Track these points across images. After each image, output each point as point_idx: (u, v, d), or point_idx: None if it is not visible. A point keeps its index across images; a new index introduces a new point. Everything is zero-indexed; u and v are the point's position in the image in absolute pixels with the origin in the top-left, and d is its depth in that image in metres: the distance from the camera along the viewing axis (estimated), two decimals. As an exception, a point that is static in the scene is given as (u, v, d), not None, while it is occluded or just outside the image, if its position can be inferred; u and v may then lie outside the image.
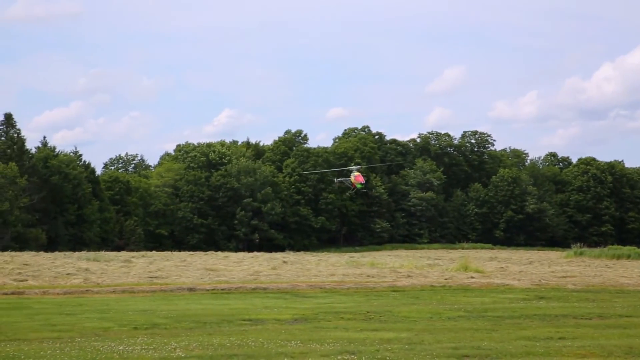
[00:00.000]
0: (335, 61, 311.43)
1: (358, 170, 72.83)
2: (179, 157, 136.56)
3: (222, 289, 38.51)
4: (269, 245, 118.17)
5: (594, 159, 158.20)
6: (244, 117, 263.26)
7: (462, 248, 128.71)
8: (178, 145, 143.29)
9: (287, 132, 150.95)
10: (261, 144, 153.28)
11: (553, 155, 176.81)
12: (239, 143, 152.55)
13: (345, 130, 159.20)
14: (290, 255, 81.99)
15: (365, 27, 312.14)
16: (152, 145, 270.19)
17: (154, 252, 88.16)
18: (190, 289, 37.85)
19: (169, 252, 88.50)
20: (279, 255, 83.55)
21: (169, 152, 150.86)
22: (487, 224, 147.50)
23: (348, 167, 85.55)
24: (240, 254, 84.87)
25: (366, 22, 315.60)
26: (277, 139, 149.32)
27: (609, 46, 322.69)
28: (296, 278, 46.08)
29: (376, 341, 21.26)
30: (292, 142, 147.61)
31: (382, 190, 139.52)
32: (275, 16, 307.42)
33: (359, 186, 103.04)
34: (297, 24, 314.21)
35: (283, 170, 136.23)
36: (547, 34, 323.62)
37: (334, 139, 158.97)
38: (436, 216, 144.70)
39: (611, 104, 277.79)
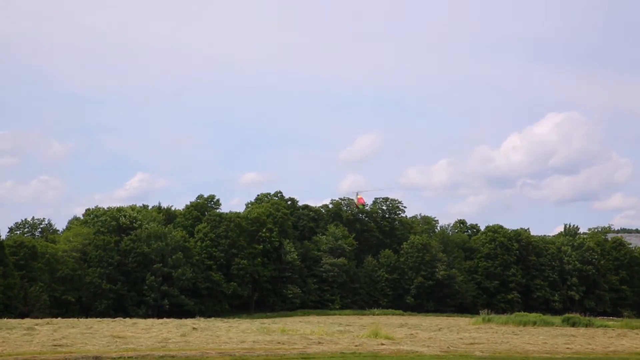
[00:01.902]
0: (251, 126, 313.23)
1: (360, 194, 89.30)
2: (89, 221, 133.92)
3: (129, 357, 37.62)
4: (179, 312, 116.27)
5: (501, 227, 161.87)
6: (157, 181, 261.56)
7: (373, 314, 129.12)
8: (87, 210, 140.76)
9: (200, 196, 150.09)
10: (173, 208, 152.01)
11: (462, 222, 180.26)
12: (150, 207, 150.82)
13: (258, 195, 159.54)
14: (200, 322, 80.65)
15: (281, 93, 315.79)
16: (61, 209, 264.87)
17: (59, 319, 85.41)
18: (96, 358, 36.84)
19: (76, 319, 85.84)
20: (189, 321, 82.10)
21: (78, 216, 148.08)
22: (397, 290, 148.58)
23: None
24: (149, 321, 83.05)
25: (282, 88, 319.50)
26: (189, 203, 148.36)
27: (517, 117, 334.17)
28: (206, 345, 45.39)
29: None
30: (204, 207, 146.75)
31: (295, 256, 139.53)
32: (190, 79, 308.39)
33: (360, 207, 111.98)
34: (212, 87, 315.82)
35: (195, 235, 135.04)
36: (457, 103, 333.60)
37: (247, 204, 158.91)
38: (348, 282, 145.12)
39: (518, 173, 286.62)
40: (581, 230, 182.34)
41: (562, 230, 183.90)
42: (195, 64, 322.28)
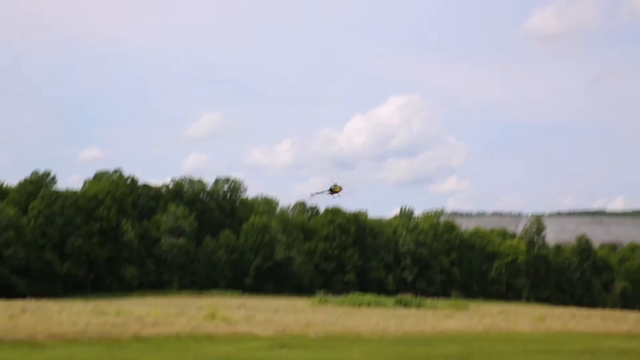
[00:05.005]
0: (92, 101, 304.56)
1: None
2: None
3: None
4: (9, 293, 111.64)
5: (340, 209, 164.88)
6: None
7: (212, 295, 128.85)
8: None
9: (34, 173, 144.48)
10: (5, 184, 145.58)
11: (302, 203, 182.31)
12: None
13: (96, 173, 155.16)
14: (31, 304, 78.11)
15: (124, 68, 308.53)
16: None
17: None
18: None
19: None
20: (18, 303, 79.32)
21: None
22: (237, 271, 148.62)
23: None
24: (-24, 302, 79.65)
25: (126, 63, 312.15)
26: (23, 180, 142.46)
27: (361, 99, 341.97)
28: (35, 328, 43.98)
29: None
30: (39, 184, 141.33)
31: (133, 236, 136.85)
32: (29, 49, 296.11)
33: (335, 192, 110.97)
34: (53, 59, 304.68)
35: (28, 213, 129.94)
36: (303, 83, 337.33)
37: (85, 182, 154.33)
38: (187, 263, 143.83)
39: (360, 155, 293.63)
40: (416, 213, 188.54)
41: (399, 212, 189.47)
42: (34, 35, 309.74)
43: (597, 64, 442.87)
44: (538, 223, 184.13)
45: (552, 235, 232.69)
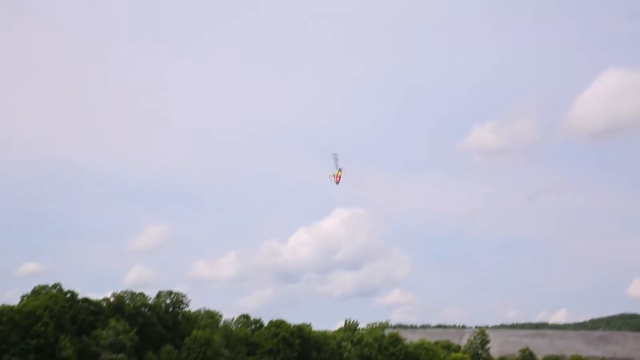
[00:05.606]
0: (31, 214, 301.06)
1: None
2: None
3: None
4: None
5: (284, 322, 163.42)
6: None
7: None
8: None
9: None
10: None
11: (246, 317, 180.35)
12: None
13: (35, 287, 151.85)
14: None
15: (65, 180, 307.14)
16: None
17: None
18: None
19: None
20: None
21: None
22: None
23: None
24: None
25: (68, 176, 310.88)
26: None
27: (306, 211, 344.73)
28: None
29: None
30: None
31: (71, 353, 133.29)
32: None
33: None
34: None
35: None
36: (248, 196, 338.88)
37: (22, 297, 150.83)
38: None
39: (304, 267, 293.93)
40: (361, 326, 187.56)
41: (344, 325, 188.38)
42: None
43: (537, 178, 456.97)
44: (482, 335, 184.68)
45: (496, 348, 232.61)
